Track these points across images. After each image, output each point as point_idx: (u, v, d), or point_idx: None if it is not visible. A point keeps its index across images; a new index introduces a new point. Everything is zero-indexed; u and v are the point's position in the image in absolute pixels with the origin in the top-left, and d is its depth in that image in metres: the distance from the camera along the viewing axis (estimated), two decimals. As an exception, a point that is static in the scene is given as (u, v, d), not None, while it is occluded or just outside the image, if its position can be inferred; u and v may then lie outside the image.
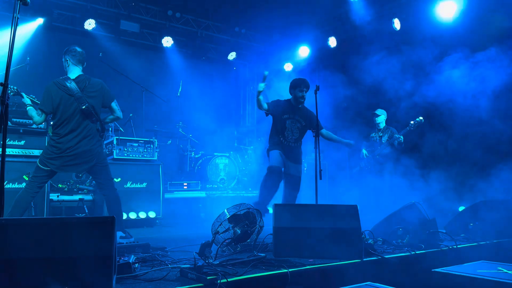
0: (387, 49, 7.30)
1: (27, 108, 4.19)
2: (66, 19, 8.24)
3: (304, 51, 9.34)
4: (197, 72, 9.50)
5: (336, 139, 5.34)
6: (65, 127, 4.14)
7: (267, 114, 5.14)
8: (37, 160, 4.19)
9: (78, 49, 4.33)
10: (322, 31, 9.05)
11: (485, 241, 4.45)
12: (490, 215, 4.69)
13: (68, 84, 4.16)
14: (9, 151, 5.20)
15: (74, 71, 4.29)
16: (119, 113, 4.47)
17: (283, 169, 5.01)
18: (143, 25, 8.74)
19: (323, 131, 5.24)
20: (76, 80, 4.24)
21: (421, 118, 6.45)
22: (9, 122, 4.70)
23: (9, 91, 4.13)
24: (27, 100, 4.26)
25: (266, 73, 4.83)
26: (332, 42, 8.75)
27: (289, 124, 5.08)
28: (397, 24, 7.53)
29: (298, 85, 5.06)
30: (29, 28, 7.72)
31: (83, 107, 4.16)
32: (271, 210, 4.23)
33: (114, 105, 4.43)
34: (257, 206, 4.18)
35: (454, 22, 6.73)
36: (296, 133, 5.12)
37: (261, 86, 4.77)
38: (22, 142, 5.39)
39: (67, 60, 4.29)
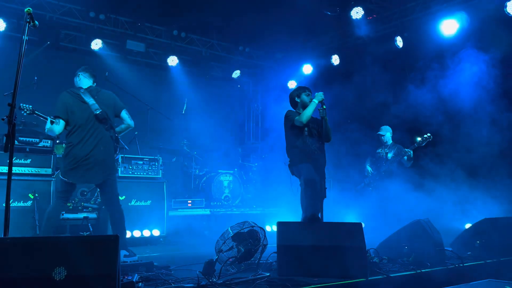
0: (389, 66, 7.36)
1: (46, 130, 4.18)
2: (73, 39, 8.39)
3: (307, 69, 9.42)
4: (202, 90, 9.57)
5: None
6: (79, 134, 4.16)
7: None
8: (59, 173, 4.21)
9: (91, 68, 4.51)
10: (325, 49, 9.15)
11: (492, 259, 4.38)
12: (497, 232, 4.64)
13: (81, 93, 4.27)
14: (15, 169, 5.24)
15: (85, 83, 4.40)
16: (130, 122, 4.50)
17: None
18: (149, 44, 8.88)
19: None
20: (88, 89, 4.36)
21: (429, 134, 6.25)
22: (15, 141, 4.75)
23: (24, 111, 4.21)
24: (48, 124, 4.14)
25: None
26: (335, 60, 8.82)
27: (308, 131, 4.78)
28: (399, 42, 7.61)
29: (302, 90, 4.90)
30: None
31: (97, 112, 4.21)
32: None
33: (124, 113, 4.48)
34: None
35: (455, 39, 6.80)
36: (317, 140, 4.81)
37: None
38: (28, 161, 5.44)
39: (78, 75, 4.42)
